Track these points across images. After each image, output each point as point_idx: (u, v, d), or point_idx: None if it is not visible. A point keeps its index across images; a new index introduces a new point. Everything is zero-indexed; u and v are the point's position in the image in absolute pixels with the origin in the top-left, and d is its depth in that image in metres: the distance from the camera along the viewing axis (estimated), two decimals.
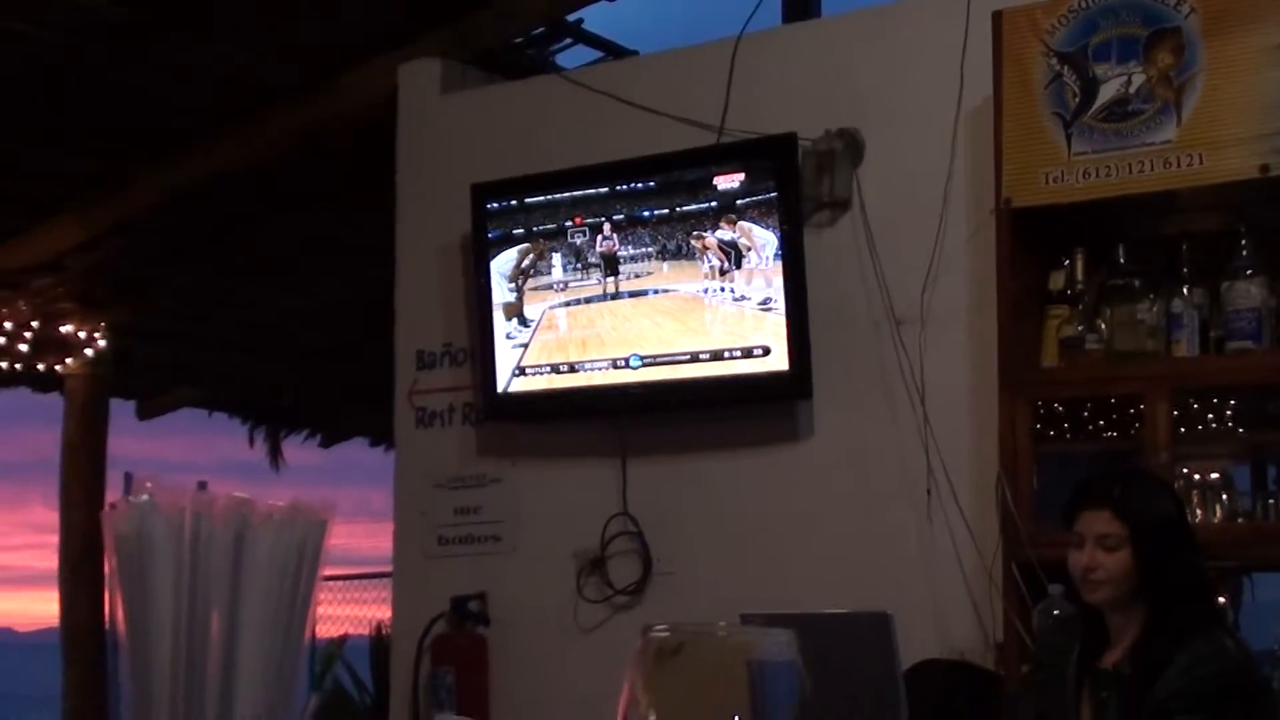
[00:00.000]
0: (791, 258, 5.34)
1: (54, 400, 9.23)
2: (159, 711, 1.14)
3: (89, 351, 8.95)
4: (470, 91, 6.42)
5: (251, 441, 11.22)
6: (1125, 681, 3.62)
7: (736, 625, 1.03)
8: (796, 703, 0.98)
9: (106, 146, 7.50)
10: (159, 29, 6.44)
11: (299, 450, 11.50)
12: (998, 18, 4.85)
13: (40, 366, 8.97)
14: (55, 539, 9.14)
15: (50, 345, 8.88)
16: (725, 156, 5.53)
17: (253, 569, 1.15)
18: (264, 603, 1.17)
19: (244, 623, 1.16)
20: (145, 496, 1.19)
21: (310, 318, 9.40)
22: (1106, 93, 4.65)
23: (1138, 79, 4.61)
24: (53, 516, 9.16)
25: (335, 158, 7.29)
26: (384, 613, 7.39)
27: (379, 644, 7.48)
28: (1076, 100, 4.69)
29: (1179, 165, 4.52)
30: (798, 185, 5.37)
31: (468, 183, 6.00)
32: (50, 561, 9.27)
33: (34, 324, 8.79)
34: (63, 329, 8.88)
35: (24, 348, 8.80)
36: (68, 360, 8.96)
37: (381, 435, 10.16)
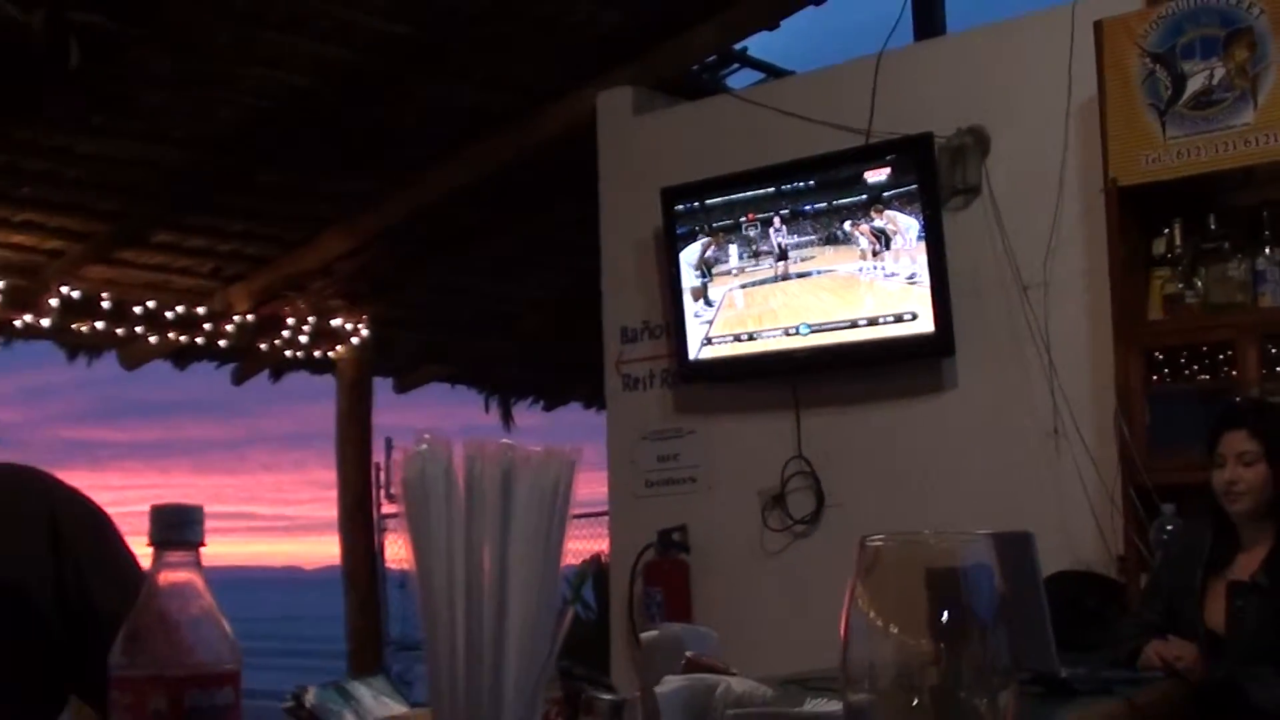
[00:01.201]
0: (932, 238, 5.30)
1: (328, 380, 9.35)
2: (444, 628, 1.13)
3: (355, 339, 9.07)
4: (657, 112, 6.45)
5: (487, 408, 11.16)
6: (1263, 591, 3.62)
7: (944, 533, 0.97)
8: (996, 603, 0.94)
9: (366, 171, 7.60)
10: (404, 74, 6.57)
11: (525, 414, 11.43)
12: (1098, 26, 4.84)
13: (316, 353, 9.07)
14: (332, 493, 9.28)
15: (324, 335, 9.00)
16: (873, 155, 5.48)
17: (518, 504, 1.15)
18: (527, 531, 1.15)
19: (512, 550, 1.14)
20: (424, 446, 1.16)
21: (533, 304, 9.46)
22: (1193, 85, 4.62)
23: (1219, 72, 4.57)
24: (329, 475, 9.30)
25: (548, 171, 7.32)
26: (601, 545, 7.48)
27: (599, 570, 7.61)
28: (1168, 93, 4.66)
29: (1257, 144, 4.50)
30: (935, 176, 5.35)
31: (658, 188, 6.03)
32: (328, 511, 9.41)
33: (311, 319, 8.92)
34: (333, 322, 9.01)
35: (304, 338, 8.92)
36: (338, 347, 9.10)
37: (593, 398, 10.15)
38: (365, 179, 7.69)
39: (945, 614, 0.94)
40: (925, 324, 5.34)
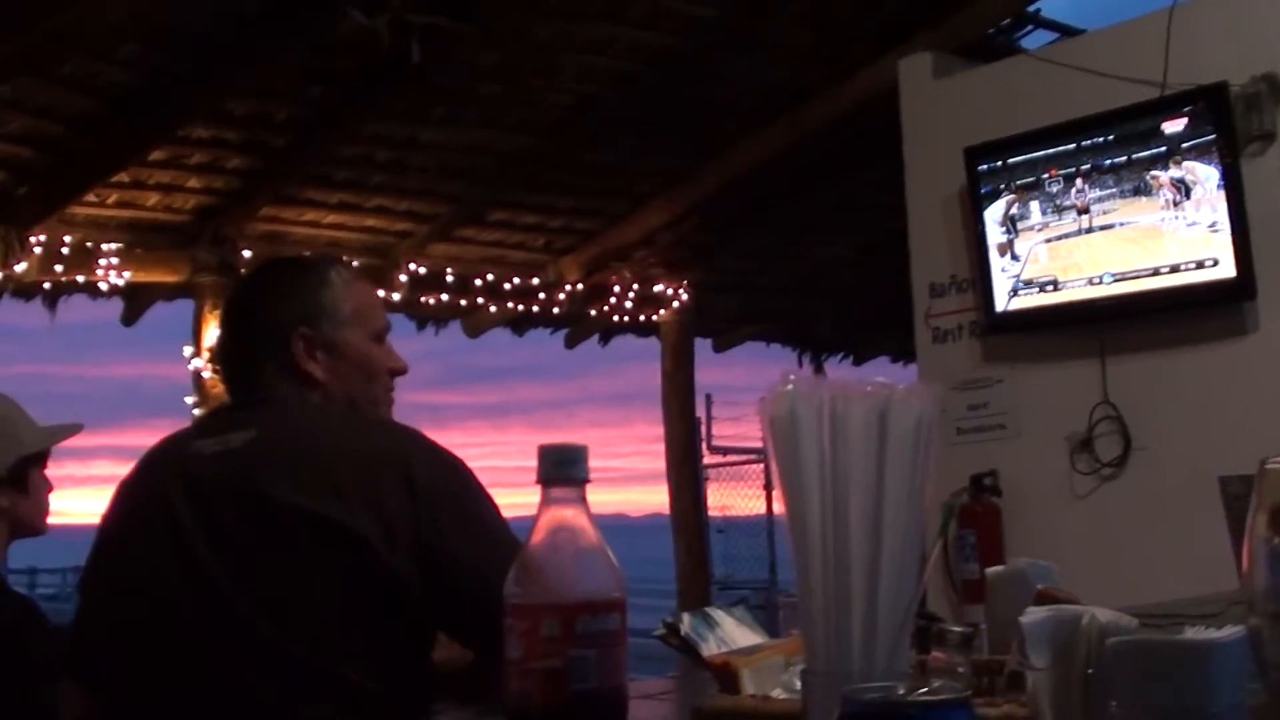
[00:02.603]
0: (1231, 185, 5.21)
1: (651, 343, 9.68)
2: (816, 565, 1.14)
3: (676, 304, 9.39)
4: (956, 76, 6.44)
5: (800, 364, 11.16)
6: None
7: None
8: None
9: (681, 148, 7.90)
10: (714, 54, 6.86)
11: (836, 369, 11.30)
12: None
13: (641, 317, 9.41)
14: (655, 446, 9.62)
15: (647, 301, 9.34)
16: (1169, 107, 5.38)
17: (889, 442, 1.15)
18: (895, 469, 1.15)
19: (884, 488, 1.14)
20: (790, 386, 1.17)
21: (842, 263, 9.56)
22: None
23: None
24: (652, 430, 9.64)
25: (852, 137, 7.44)
26: None
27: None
28: None
29: None
30: (1232, 124, 5.24)
31: (960, 148, 6.01)
32: (649, 464, 9.78)
33: (635, 286, 9.27)
34: (656, 288, 9.35)
35: (629, 304, 9.27)
36: (661, 311, 9.43)
37: (900, 352, 10.15)
38: (682, 154, 8.00)
39: None
40: (1227, 269, 5.27)
